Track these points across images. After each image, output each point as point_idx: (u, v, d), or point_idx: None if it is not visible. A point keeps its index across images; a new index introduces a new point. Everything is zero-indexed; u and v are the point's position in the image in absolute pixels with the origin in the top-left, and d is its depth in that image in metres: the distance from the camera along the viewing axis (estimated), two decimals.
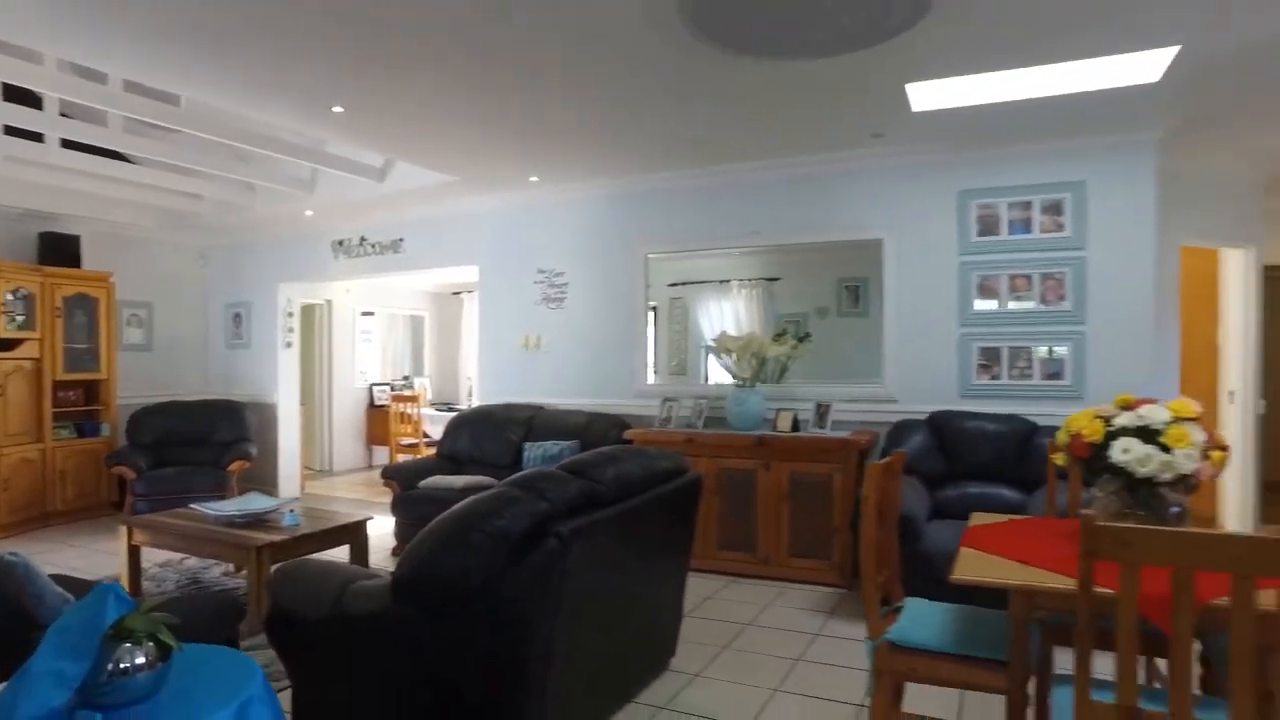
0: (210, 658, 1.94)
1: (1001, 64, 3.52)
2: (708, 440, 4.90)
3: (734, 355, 5.08)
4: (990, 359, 4.74)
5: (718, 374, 5.58)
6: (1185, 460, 2.17)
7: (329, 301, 9.06)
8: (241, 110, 4.42)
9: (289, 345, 7.68)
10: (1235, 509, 5.48)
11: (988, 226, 4.75)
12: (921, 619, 2.54)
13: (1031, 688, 2.52)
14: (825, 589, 4.53)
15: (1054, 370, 4.60)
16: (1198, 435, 2.19)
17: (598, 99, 4.01)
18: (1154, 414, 2.25)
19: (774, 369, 5.18)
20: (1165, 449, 2.19)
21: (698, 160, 5.22)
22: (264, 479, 7.40)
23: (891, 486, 2.68)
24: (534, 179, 5.70)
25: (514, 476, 2.54)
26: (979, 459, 4.42)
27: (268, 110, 4.32)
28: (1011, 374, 4.69)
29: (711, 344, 5.31)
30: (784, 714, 3.01)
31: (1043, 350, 4.64)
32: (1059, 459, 2.48)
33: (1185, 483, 2.20)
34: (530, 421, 5.70)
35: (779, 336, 5.26)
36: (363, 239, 7.00)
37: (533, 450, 5.41)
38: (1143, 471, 2.19)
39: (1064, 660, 2.32)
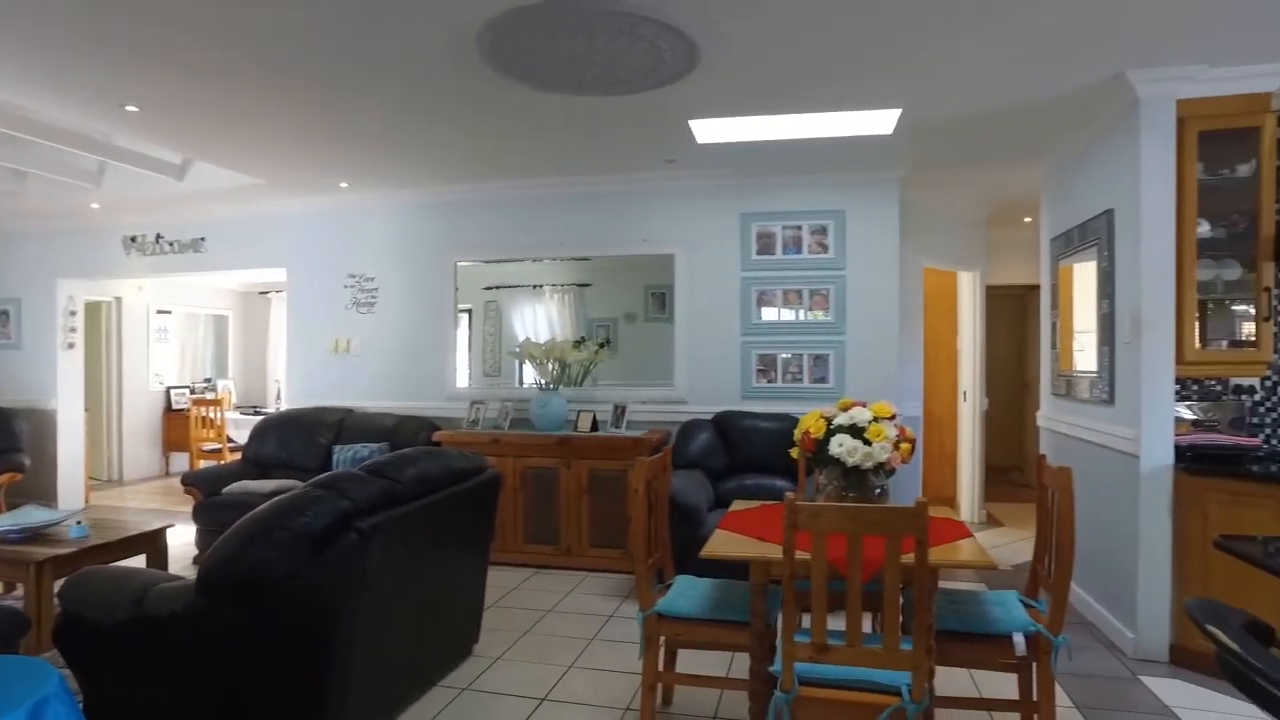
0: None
1: (766, 109, 4.07)
2: (513, 441, 5.19)
3: (537, 360, 5.40)
4: (767, 364, 5.36)
5: (533, 375, 5.88)
6: (881, 451, 2.72)
7: (118, 299, 8.48)
8: (22, 104, 4.19)
9: (70, 346, 7.16)
10: (967, 489, 6.48)
11: (766, 246, 5.37)
12: (687, 592, 2.96)
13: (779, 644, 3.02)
14: (622, 575, 4.95)
15: (820, 374, 5.28)
16: (890, 431, 2.75)
17: (403, 115, 4.19)
18: (860, 414, 2.79)
19: (576, 373, 5.55)
20: (868, 443, 2.73)
21: (506, 173, 5.49)
22: (41, 492, 6.86)
23: (659, 479, 3.10)
24: (344, 185, 5.74)
25: (318, 478, 2.71)
26: (756, 453, 5.00)
27: (53, 105, 4.14)
28: (785, 378, 5.33)
29: (516, 350, 5.59)
30: (575, 686, 3.36)
31: (812, 356, 5.30)
32: (794, 452, 2.98)
33: (883, 469, 2.76)
34: (340, 424, 5.73)
35: (579, 343, 5.63)
36: (159, 236, 6.68)
37: (342, 453, 5.46)
38: (852, 461, 2.72)
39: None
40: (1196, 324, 3.67)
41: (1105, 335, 4.03)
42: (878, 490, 2.80)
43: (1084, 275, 4.35)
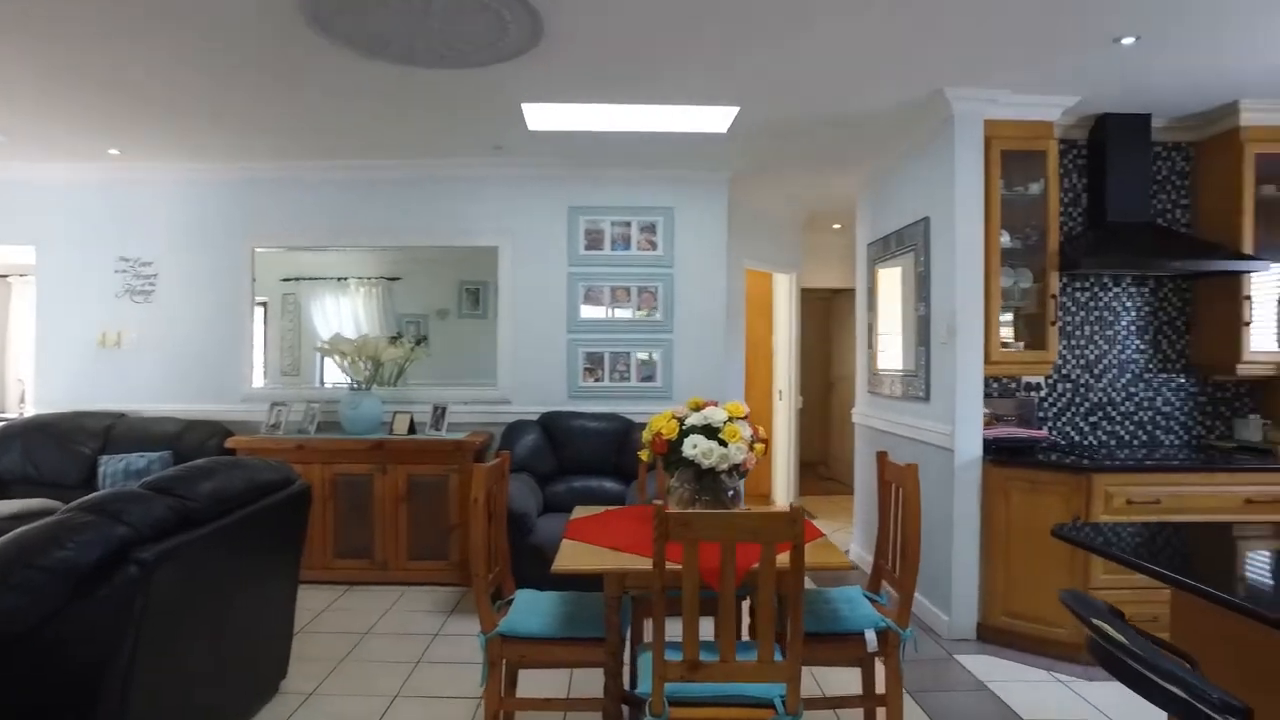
0: None
1: (605, 96, 3.92)
2: (321, 446, 4.69)
3: (348, 358, 4.93)
4: (595, 363, 5.23)
5: (334, 374, 5.36)
6: (737, 452, 2.65)
7: None
8: None
9: None
10: (782, 484, 6.72)
11: (594, 241, 5.23)
12: (531, 609, 2.74)
13: (627, 657, 2.88)
14: (445, 588, 4.62)
15: (648, 373, 5.23)
16: (745, 431, 2.69)
17: (193, 72, 3.61)
18: (714, 414, 2.70)
19: (391, 371, 5.13)
20: (724, 444, 2.65)
21: (316, 152, 4.96)
22: None
23: (499, 487, 2.85)
24: (114, 152, 4.93)
25: (85, 498, 2.22)
26: (585, 455, 4.85)
27: None
28: (613, 376, 5.22)
29: (324, 345, 5.07)
30: (405, 719, 3.03)
31: (639, 355, 5.23)
32: (644, 455, 2.85)
33: (738, 470, 2.69)
34: (108, 432, 4.92)
35: (395, 339, 5.22)
36: None
37: (111, 464, 4.69)
38: (707, 463, 2.62)
39: (651, 631, 2.67)
40: (999, 327, 3.97)
41: (921, 336, 4.27)
42: (730, 493, 2.73)
43: (900, 278, 4.59)
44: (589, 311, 5.24)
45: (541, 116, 4.17)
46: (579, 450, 4.87)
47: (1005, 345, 4.04)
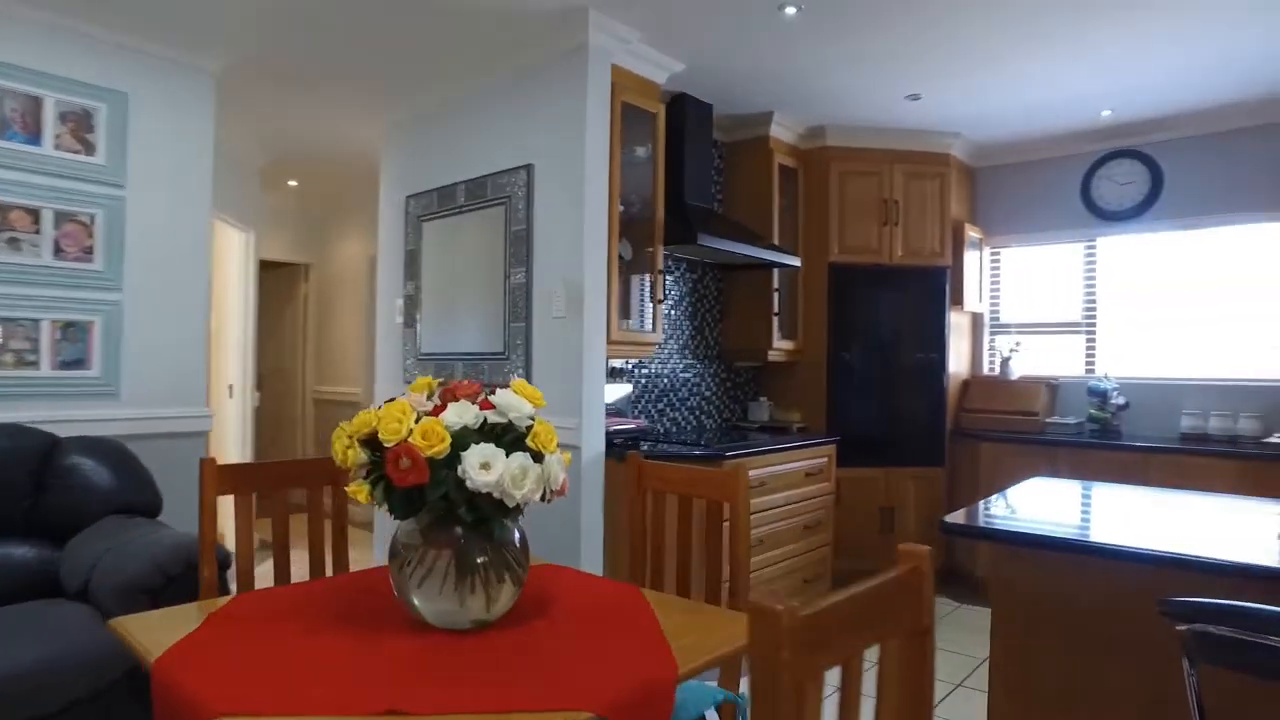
0: None
1: None
2: None
3: None
4: None
5: None
6: (558, 469, 1.55)
7: None
8: None
9: None
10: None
11: None
12: None
13: None
14: None
15: (76, 356, 3.18)
16: (556, 433, 1.60)
17: None
18: (510, 402, 1.54)
19: None
20: (538, 456, 1.52)
21: None
22: None
23: None
24: None
25: None
26: None
27: None
28: (4, 360, 3.03)
29: None
30: None
31: (56, 322, 3.15)
32: (360, 493, 1.48)
33: (541, 501, 1.57)
34: None
35: None
36: None
37: None
38: (519, 494, 1.46)
39: None
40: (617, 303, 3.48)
41: (518, 309, 3.49)
42: (517, 538, 1.59)
43: (476, 238, 3.71)
44: None
45: None
46: None
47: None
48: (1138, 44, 3.32)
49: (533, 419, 1.55)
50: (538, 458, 1.52)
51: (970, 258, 4.67)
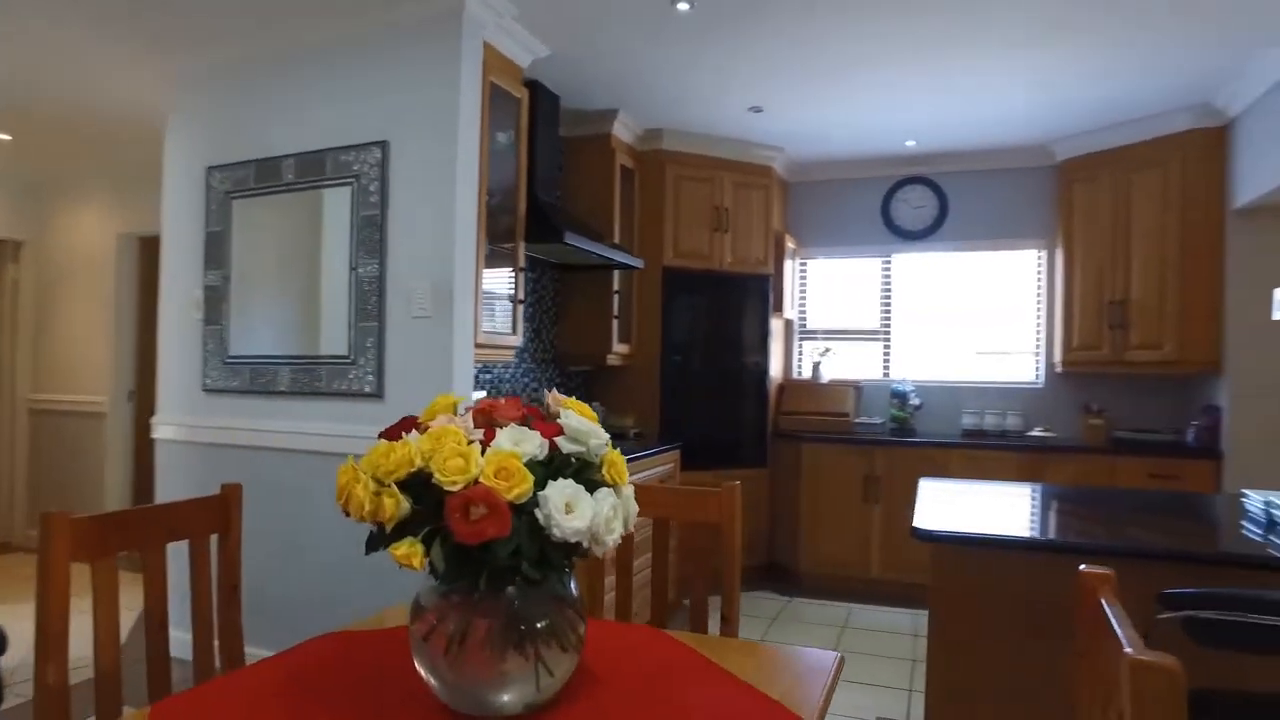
0: None
1: None
2: None
3: None
4: None
5: None
6: (634, 503, 1.31)
7: None
8: None
9: None
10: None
11: None
12: None
13: None
14: None
15: None
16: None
17: None
18: (581, 426, 1.27)
19: None
20: (615, 487, 1.27)
21: None
22: None
23: None
24: None
25: None
26: None
27: None
28: None
29: None
30: None
31: None
32: (415, 556, 1.12)
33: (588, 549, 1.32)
34: None
35: None
36: None
37: None
38: (610, 541, 1.21)
39: None
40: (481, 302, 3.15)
41: (366, 307, 3.02)
42: (571, 589, 1.32)
43: (313, 222, 3.15)
44: None
45: None
46: None
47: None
48: (942, 85, 3.71)
49: (609, 445, 1.30)
50: (616, 488, 1.27)
51: (788, 267, 4.91)
